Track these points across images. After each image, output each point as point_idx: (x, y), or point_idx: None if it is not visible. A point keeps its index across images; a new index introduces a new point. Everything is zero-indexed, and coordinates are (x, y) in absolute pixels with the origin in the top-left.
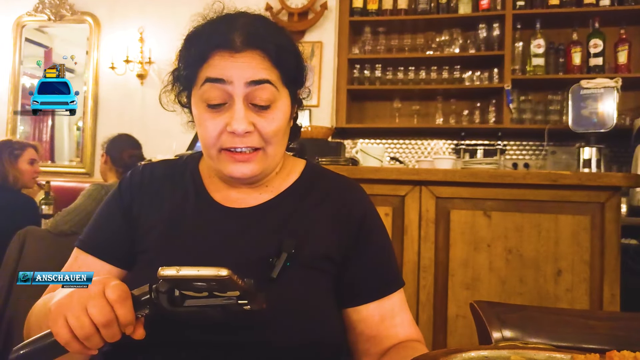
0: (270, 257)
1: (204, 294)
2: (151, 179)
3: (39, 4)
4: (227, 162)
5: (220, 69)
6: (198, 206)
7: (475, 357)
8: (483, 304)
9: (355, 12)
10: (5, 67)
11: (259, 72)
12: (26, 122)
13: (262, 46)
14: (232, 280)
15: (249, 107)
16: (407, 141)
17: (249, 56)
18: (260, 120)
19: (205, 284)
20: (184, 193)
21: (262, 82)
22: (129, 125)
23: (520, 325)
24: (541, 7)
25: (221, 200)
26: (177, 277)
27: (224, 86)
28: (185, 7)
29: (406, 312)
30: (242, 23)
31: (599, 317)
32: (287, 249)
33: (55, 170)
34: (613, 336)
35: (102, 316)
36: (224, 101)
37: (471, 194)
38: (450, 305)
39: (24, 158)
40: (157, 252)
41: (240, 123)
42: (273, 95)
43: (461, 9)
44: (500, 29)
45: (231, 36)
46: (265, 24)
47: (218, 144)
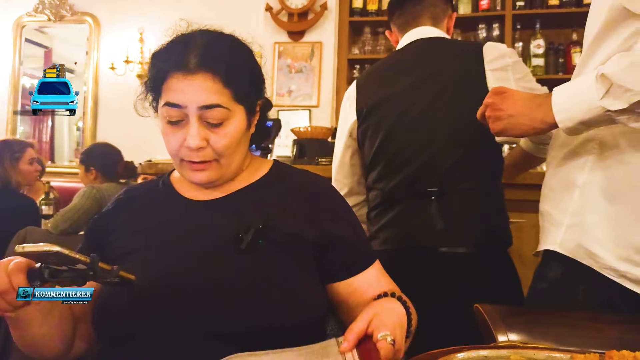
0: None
1: (65, 268)
2: (132, 197)
3: (39, 5)
4: (187, 170)
5: (176, 94)
6: (170, 206)
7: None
8: (488, 307)
9: (355, 12)
10: (5, 67)
11: (210, 96)
12: (26, 122)
13: (213, 67)
14: (67, 255)
15: (202, 125)
16: None
17: (200, 78)
18: (213, 136)
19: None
20: (158, 199)
21: (212, 106)
22: (129, 126)
23: (526, 329)
24: (541, 7)
25: (191, 197)
26: (25, 253)
27: (180, 109)
28: (185, 7)
29: (385, 275)
30: (199, 44)
31: (607, 320)
32: (254, 225)
33: (55, 170)
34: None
35: (1, 284)
36: (181, 119)
37: None
38: None
39: (24, 159)
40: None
41: (194, 140)
42: (225, 114)
43: (461, 9)
44: (500, 29)
45: (186, 58)
46: (221, 44)
47: (179, 155)
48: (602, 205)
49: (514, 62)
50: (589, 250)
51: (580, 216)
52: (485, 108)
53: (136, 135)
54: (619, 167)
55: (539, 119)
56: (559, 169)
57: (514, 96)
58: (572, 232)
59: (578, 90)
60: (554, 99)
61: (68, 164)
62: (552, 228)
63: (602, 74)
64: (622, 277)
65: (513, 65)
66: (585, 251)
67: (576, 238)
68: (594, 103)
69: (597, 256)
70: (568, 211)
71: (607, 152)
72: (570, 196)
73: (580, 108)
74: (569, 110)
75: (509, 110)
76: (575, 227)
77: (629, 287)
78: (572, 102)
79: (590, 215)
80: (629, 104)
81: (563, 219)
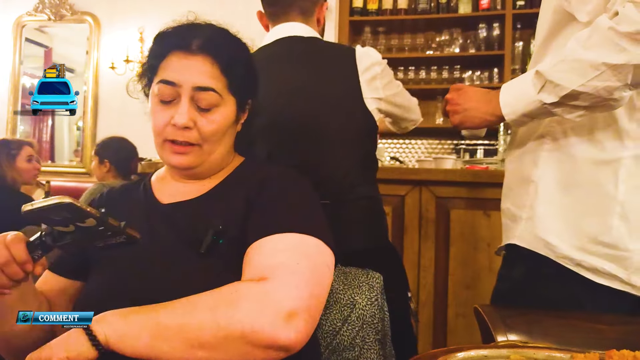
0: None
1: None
2: (108, 198)
3: (39, 4)
4: (169, 152)
5: (173, 72)
6: (144, 209)
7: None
8: (487, 308)
9: (355, 12)
10: (5, 67)
11: (206, 79)
12: (26, 122)
13: (214, 53)
14: (78, 207)
15: (193, 106)
16: (407, 141)
17: (200, 60)
18: (201, 120)
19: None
20: (135, 202)
21: (206, 89)
22: (129, 125)
23: (526, 330)
24: None
25: (163, 199)
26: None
27: (174, 87)
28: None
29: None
30: (204, 31)
31: (608, 320)
32: (213, 227)
33: (55, 170)
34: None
35: (1, 257)
36: (173, 98)
37: (471, 194)
38: (450, 304)
39: (21, 157)
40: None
41: (182, 117)
42: (216, 100)
43: (461, 9)
44: (500, 29)
45: (190, 39)
46: (225, 36)
47: (163, 135)
48: (556, 197)
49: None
50: (545, 241)
51: (535, 209)
52: (446, 103)
53: (136, 134)
54: (569, 160)
55: (489, 112)
56: (515, 167)
57: (469, 92)
58: (529, 225)
59: (519, 86)
60: (501, 95)
61: (68, 163)
62: (511, 224)
63: (536, 70)
64: (578, 265)
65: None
66: (542, 241)
67: (533, 230)
68: (533, 97)
69: (554, 246)
70: (525, 205)
71: (557, 147)
72: (526, 191)
73: (522, 102)
74: (513, 105)
75: (465, 104)
76: (531, 220)
77: (585, 275)
78: (515, 97)
79: (545, 207)
80: (559, 98)
81: (521, 213)
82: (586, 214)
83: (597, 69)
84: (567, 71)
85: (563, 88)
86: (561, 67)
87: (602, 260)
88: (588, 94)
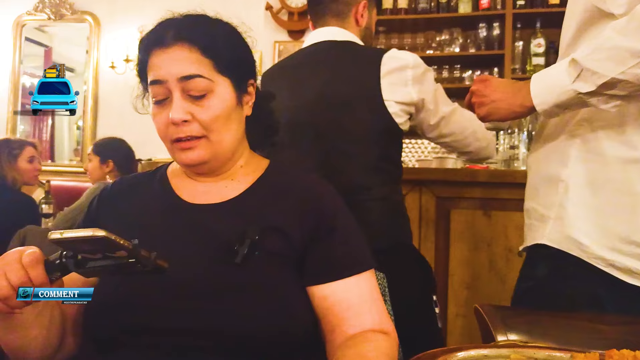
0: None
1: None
2: (119, 190)
3: (39, 3)
4: (178, 151)
5: (156, 70)
6: (165, 206)
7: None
8: (488, 308)
9: None
10: (5, 66)
11: (188, 67)
12: (26, 122)
13: (189, 38)
14: (112, 240)
15: (186, 98)
16: (407, 141)
17: (177, 50)
18: (197, 109)
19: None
20: (152, 196)
21: (191, 77)
22: (129, 125)
23: (526, 330)
24: (541, 6)
25: (187, 198)
26: (62, 240)
27: (162, 85)
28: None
29: (375, 301)
30: (176, 22)
31: (609, 321)
32: (250, 236)
33: (55, 169)
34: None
35: (17, 279)
36: (166, 96)
37: (471, 194)
38: (450, 304)
39: (23, 157)
40: None
41: (176, 113)
42: (207, 85)
43: (461, 8)
44: (501, 29)
45: (164, 34)
46: (200, 19)
47: (167, 136)
48: (586, 198)
49: (415, 73)
50: (577, 241)
51: (566, 209)
52: (471, 95)
53: (136, 134)
54: (598, 158)
55: (518, 103)
56: (541, 167)
57: (496, 83)
58: (558, 225)
59: (553, 75)
60: (532, 84)
61: (68, 162)
62: (538, 224)
63: (572, 59)
64: (611, 266)
65: (413, 76)
66: (574, 242)
67: (563, 230)
68: (567, 87)
69: (586, 246)
70: (554, 205)
71: (587, 145)
72: (555, 190)
73: (554, 92)
74: (544, 95)
75: (492, 96)
76: (561, 220)
77: (618, 276)
78: (547, 86)
79: (575, 207)
80: (596, 87)
81: (549, 213)
82: (617, 213)
83: (637, 56)
84: (605, 59)
85: (601, 76)
86: (598, 55)
87: (635, 261)
88: (627, 81)
